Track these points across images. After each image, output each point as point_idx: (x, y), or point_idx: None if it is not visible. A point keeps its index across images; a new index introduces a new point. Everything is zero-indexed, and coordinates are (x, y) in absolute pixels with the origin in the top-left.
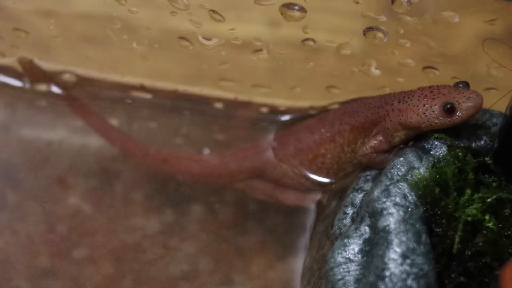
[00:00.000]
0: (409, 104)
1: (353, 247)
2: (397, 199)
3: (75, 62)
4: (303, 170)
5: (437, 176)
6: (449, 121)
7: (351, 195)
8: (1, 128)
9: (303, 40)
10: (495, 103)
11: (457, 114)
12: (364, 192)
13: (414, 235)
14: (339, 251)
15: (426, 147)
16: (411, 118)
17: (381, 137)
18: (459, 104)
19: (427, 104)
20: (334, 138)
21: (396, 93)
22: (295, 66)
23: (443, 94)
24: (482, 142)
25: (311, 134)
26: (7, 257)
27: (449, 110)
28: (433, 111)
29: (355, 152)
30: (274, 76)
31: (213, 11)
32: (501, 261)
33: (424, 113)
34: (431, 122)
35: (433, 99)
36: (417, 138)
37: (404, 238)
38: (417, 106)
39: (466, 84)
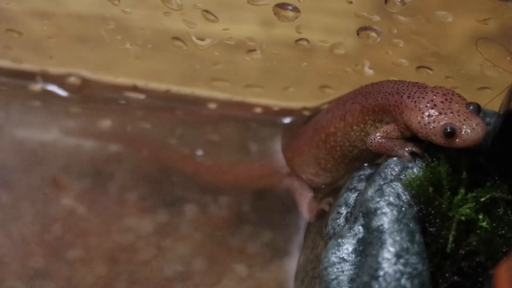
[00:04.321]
0: (416, 105)
1: (347, 247)
2: (391, 199)
3: (69, 63)
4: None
5: (431, 176)
6: (444, 142)
7: (344, 194)
8: None
9: (297, 40)
10: (489, 102)
11: (455, 140)
12: (358, 192)
13: (408, 235)
14: (333, 250)
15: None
16: (412, 121)
17: (394, 126)
18: (460, 132)
19: (431, 116)
20: (344, 117)
21: (411, 85)
22: (289, 66)
23: (451, 113)
24: None
25: (326, 113)
26: (0, 258)
27: (449, 134)
28: (434, 127)
29: (365, 131)
30: (267, 76)
31: (207, 11)
32: (495, 260)
33: (425, 124)
34: (428, 135)
35: (440, 114)
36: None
37: (398, 238)
38: (422, 112)
39: (478, 108)
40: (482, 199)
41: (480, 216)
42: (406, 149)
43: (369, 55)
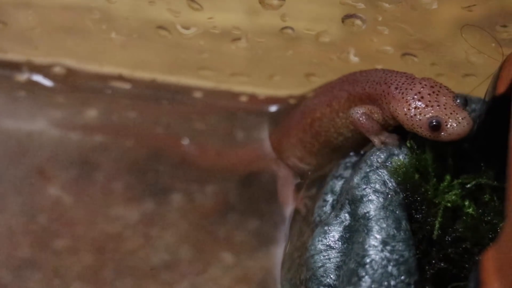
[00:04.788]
0: (403, 97)
1: (333, 234)
2: (377, 186)
3: (54, 53)
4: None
5: (417, 163)
6: (429, 135)
7: (330, 182)
8: None
9: (282, 29)
10: (474, 89)
11: (441, 133)
12: (344, 179)
13: (394, 222)
14: (319, 238)
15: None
16: (398, 112)
17: (380, 110)
18: (446, 125)
19: (417, 108)
20: (330, 103)
21: (399, 75)
22: (274, 54)
23: (438, 106)
24: None
25: (314, 98)
26: None
27: (434, 127)
28: (419, 119)
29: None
30: (253, 65)
31: (191, 0)
32: (481, 246)
33: (411, 116)
34: (414, 127)
35: (426, 106)
36: None
37: (384, 225)
38: (409, 104)
39: (465, 102)
40: (468, 185)
41: (466, 203)
42: (381, 137)
43: (354, 43)
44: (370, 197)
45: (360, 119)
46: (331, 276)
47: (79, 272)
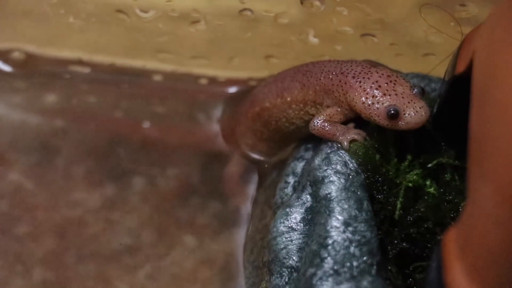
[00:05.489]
0: (360, 86)
1: (295, 216)
2: (338, 167)
3: (13, 38)
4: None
5: (377, 143)
6: (387, 124)
7: (292, 164)
8: None
9: (241, 11)
10: (433, 68)
11: (398, 122)
12: (305, 161)
13: (355, 203)
14: (281, 220)
15: None
16: (356, 101)
17: (337, 108)
18: (404, 114)
19: (375, 97)
20: (282, 94)
21: (354, 64)
22: (233, 36)
23: (395, 95)
24: None
25: (264, 87)
26: None
27: (392, 115)
28: (377, 108)
29: (304, 110)
30: (212, 47)
31: None
32: (442, 226)
33: (369, 105)
34: (372, 116)
35: (384, 95)
36: None
37: (346, 206)
38: (367, 93)
39: (422, 91)
40: (429, 165)
41: (428, 182)
42: (348, 136)
43: (313, 24)
44: (331, 178)
45: (323, 128)
46: (294, 258)
47: (41, 258)
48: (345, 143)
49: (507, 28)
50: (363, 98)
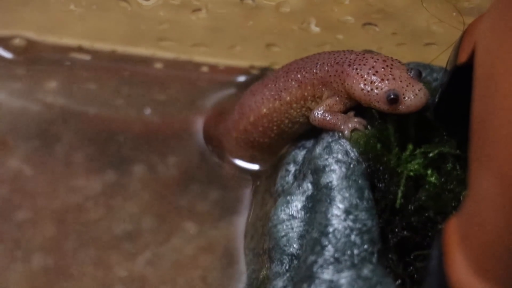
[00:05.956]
0: (357, 73)
1: (296, 204)
2: (339, 156)
3: (13, 25)
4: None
5: (379, 132)
6: (387, 109)
7: (293, 152)
8: None
9: None
10: (436, 58)
11: (399, 106)
12: (306, 149)
13: (356, 191)
14: (282, 208)
15: None
16: (354, 89)
17: (336, 97)
18: (404, 98)
19: (374, 82)
20: (279, 96)
21: (347, 53)
22: (235, 25)
23: (393, 79)
24: None
25: (253, 95)
26: None
27: (392, 100)
28: (376, 94)
29: (306, 106)
30: (213, 36)
31: None
32: (444, 215)
33: (368, 91)
34: (371, 102)
35: (382, 80)
36: None
37: (347, 194)
38: (364, 79)
39: (419, 73)
40: (431, 154)
41: (429, 172)
42: (349, 125)
43: (315, 13)
44: (332, 167)
45: (324, 118)
46: (294, 246)
47: (40, 244)
48: (347, 132)
49: (510, 18)
50: (362, 85)
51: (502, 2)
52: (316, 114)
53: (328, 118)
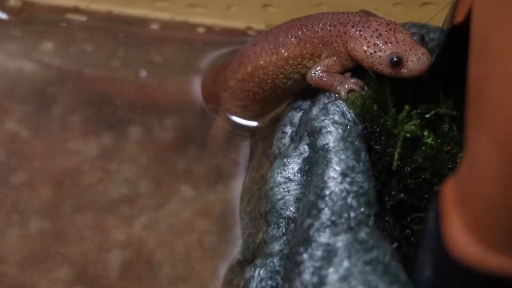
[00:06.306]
0: (361, 35)
1: (293, 167)
2: (336, 117)
3: None
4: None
5: (375, 94)
6: (390, 72)
7: (289, 114)
8: None
9: None
10: (432, 17)
11: (401, 70)
12: (303, 111)
13: (353, 153)
14: (279, 170)
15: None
16: (357, 50)
17: (335, 58)
18: (407, 61)
19: (377, 45)
20: (277, 51)
21: (352, 14)
22: None
23: (397, 42)
24: None
25: (253, 46)
26: None
27: (395, 63)
28: (380, 56)
29: (302, 64)
30: None
31: None
32: (440, 177)
33: (371, 53)
34: (374, 64)
35: (385, 43)
36: None
37: (343, 156)
38: (368, 41)
39: (422, 38)
40: (427, 115)
41: (425, 133)
42: (346, 86)
43: None
44: (329, 128)
45: (321, 78)
46: (291, 209)
47: (38, 207)
48: (343, 93)
49: None
50: (365, 47)
51: None
52: (313, 73)
53: (325, 78)
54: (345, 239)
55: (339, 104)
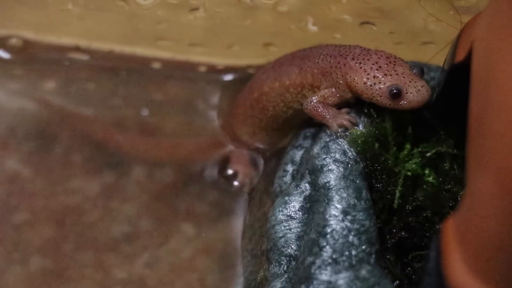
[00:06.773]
0: (361, 67)
1: (294, 205)
2: (337, 155)
3: (10, 24)
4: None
5: (376, 132)
6: (389, 104)
7: (290, 152)
8: None
9: None
10: (433, 57)
11: (401, 102)
12: (304, 149)
13: (354, 191)
14: (280, 208)
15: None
16: (357, 82)
17: (333, 89)
18: (406, 93)
19: (377, 77)
20: (280, 78)
21: (352, 47)
22: (232, 24)
23: (396, 74)
24: None
25: (262, 73)
26: None
27: (395, 95)
28: (380, 88)
29: (302, 93)
30: (211, 35)
31: None
32: (441, 215)
33: (371, 85)
34: (374, 96)
35: (385, 75)
36: None
37: (344, 194)
38: (368, 73)
39: (421, 71)
40: (428, 154)
41: (426, 171)
42: (338, 121)
43: (312, 12)
44: (330, 167)
45: (315, 108)
46: (292, 246)
47: (39, 246)
48: (334, 128)
49: (507, 16)
50: (365, 79)
51: (499, 1)
52: (309, 102)
53: (319, 109)
54: (347, 277)
55: (340, 143)
